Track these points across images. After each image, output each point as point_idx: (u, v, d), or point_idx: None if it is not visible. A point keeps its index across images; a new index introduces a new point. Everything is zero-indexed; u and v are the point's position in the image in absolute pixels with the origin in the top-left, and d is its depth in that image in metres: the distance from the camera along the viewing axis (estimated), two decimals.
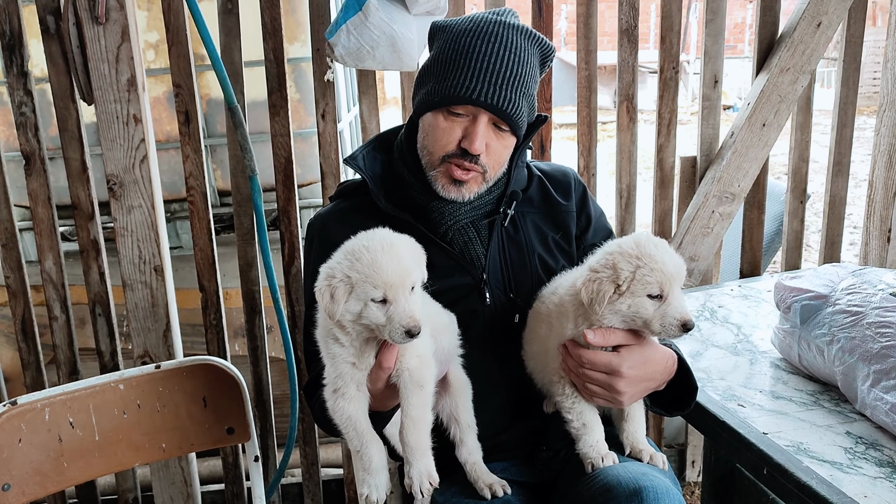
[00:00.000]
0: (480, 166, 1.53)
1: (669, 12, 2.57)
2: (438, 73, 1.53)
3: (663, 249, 1.38)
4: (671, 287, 1.36)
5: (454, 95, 1.49)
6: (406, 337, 1.27)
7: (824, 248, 2.90)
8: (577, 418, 1.49)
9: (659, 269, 1.35)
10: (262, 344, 2.61)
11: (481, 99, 1.48)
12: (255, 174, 2.35)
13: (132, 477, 2.69)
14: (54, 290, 2.49)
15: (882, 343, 1.53)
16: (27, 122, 2.34)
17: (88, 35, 2.13)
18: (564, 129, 10.84)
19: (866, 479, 1.37)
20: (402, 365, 1.35)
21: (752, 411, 1.62)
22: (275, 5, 2.33)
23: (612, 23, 2.63)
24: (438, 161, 1.55)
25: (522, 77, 1.52)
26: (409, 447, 1.33)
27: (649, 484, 1.33)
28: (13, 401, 1.65)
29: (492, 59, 1.49)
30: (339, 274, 1.29)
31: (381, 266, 1.27)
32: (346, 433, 1.38)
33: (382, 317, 1.28)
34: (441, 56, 1.55)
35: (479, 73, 1.49)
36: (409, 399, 1.34)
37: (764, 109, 2.60)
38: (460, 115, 1.52)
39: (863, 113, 10.49)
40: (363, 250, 1.30)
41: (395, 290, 1.28)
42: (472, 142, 1.50)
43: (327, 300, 1.29)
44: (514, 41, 1.52)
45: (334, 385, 1.37)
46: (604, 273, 1.39)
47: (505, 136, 1.55)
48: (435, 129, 1.54)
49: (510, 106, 1.50)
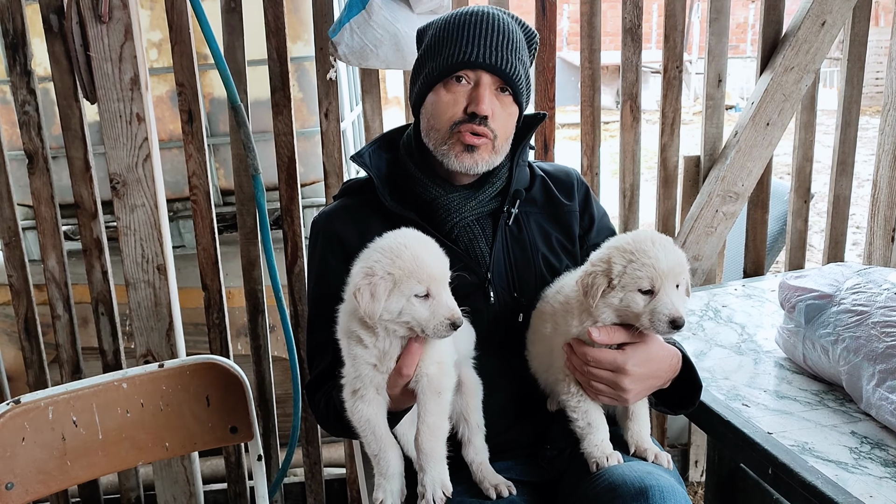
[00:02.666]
0: (490, 130, 1.54)
1: (673, 11, 2.56)
2: (434, 53, 1.56)
3: (660, 246, 1.38)
4: (663, 283, 1.36)
5: (454, 63, 1.52)
6: (450, 329, 1.27)
7: (828, 247, 2.90)
8: (583, 417, 1.49)
9: (650, 265, 1.35)
10: (265, 343, 2.61)
11: (480, 60, 1.51)
12: (258, 173, 2.35)
13: (135, 476, 2.69)
14: (57, 289, 2.49)
15: (887, 342, 1.53)
16: (30, 121, 2.34)
17: (92, 34, 2.13)
18: (567, 128, 10.83)
19: (872, 478, 1.37)
20: (422, 371, 1.34)
21: (757, 411, 1.62)
22: (278, 4, 2.33)
23: (615, 22, 2.63)
24: (447, 132, 1.55)
25: (516, 43, 1.55)
26: (424, 454, 1.32)
27: (655, 483, 1.33)
28: (17, 399, 1.65)
29: (484, 27, 1.53)
30: (380, 271, 1.28)
31: (424, 260, 1.27)
32: (364, 437, 1.36)
33: (427, 311, 1.27)
34: (432, 41, 1.58)
35: (475, 38, 1.52)
36: (427, 406, 1.33)
37: (768, 109, 2.60)
38: (461, 83, 1.53)
39: (866, 113, 10.48)
40: (402, 247, 1.29)
41: (438, 283, 1.28)
42: (480, 102, 1.51)
43: (367, 299, 1.26)
44: (500, 17, 1.56)
45: (353, 386, 1.36)
46: (599, 267, 1.40)
47: (508, 103, 1.56)
48: (438, 103, 1.55)
49: (509, 67, 1.52)
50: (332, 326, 1.56)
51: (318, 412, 1.62)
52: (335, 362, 1.55)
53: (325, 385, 1.59)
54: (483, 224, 1.62)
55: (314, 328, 1.66)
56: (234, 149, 2.42)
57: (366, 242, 1.58)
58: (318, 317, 1.64)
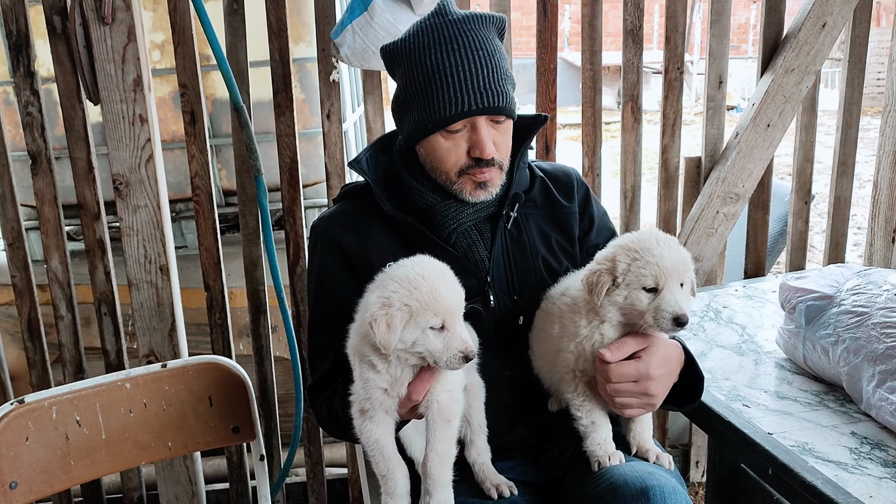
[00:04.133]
0: (497, 163, 1.54)
1: (674, 13, 2.57)
2: (419, 100, 1.51)
3: (664, 244, 1.39)
4: (667, 281, 1.37)
5: (447, 117, 1.48)
6: (463, 362, 1.28)
7: (829, 248, 2.90)
8: (587, 416, 1.49)
9: (654, 263, 1.36)
10: (267, 343, 2.62)
11: (474, 108, 1.47)
12: (260, 174, 2.36)
13: (137, 475, 2.70)
14: (60, 290, 2.50)
15: (887, 343, 1.53)
16: (33, 122, 2.35)
17: (95, 35, 2.14)
18: (568, 129, 10.83)
19: (871, 479, 1.37)
20: (433, 398, 1.35)
21: (757, 411, 1.62)
22: (280, 6, 2.33)
23: (615, 23, 2.64)
24: (456, 176, 1.54)
25: (496, 63, 1.50)
26: (431, 479, 1.34)
27: (656, 483, 1.33)
28: (20, 399, 1.66)
29: (466, 64, 1.47)
30: (397, 302, 1.27)
31: (441, 293, 1.28)
32: (373, 456, 1.38)
33: (441, 344, 1.28)
34: (412, 83, 1.52)
35: (460, 84, 1.47)
36: (437, 433, 1.35)
37: (769, 110, 2.60)
38: (458, 131, 1.51)
39: (867, 113, 10.48)
40: (419, 278, 1.29)
41: (453, 316, 1.29)
42: (483, 149, 1.49)
43: (383, 329, 1.26)
44: (471, 34, 1.50)
45: (362, 405, 1.37)
46: (604, 265, 1.41)
47: (504, 126, 1.55)
48: (438, 151, 1.53)
49: (501, 99, 1.50)
50: (333, 330, 1.57)
51: (320, 416, 1.63)
52: (336, 366, 1.55)
53: (327, 389, 1.59)
54: (481, 228, 1.61)
55: (315, 332, 1.66)
56: (236, 150, 2.43)
57: (366, 247, 1.58)
58: (319, 321, 1.65)
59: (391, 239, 1.60)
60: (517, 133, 1.65)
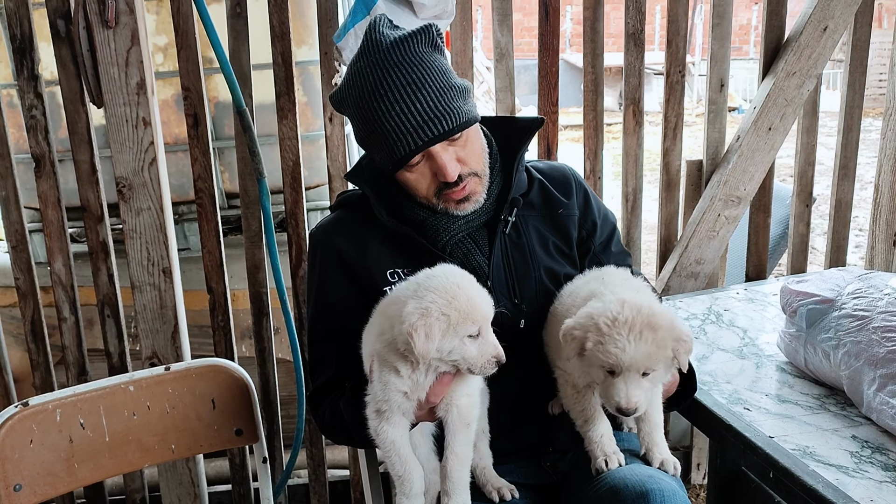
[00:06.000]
0: (469, 175, 1.54)
1: (676, 16, 2.57)
2: (373, 146, 1.53)
3: (635, 335, 1.35)
4: (623, 371, 1.36)
5: (401, 158, 1.48)
6: (495, 366, 1.33)
7: (830, 251, 2.90)
8: (580, 416, 1.51)
9: (615, 354, 1.35)
10: (270, 345, 2.63)
11: (421, 142, 1.46)
12: (263, 177, 2.36)
13: (140, 477, 2.70)
14: (63, 292, 2.51)
15: (888, 347, 1.54)
16: (37, 125, 2.36)
17: (98, 39, 2.15)
18: (569, 130, 10.83)
19: (872, 483, 1.38)
20: (453, 402, 1.38)
21: (758, 415, 1.63)
22: (283, 9, 2.34)
23: (616, 24, 2.65)
24: (436, 199, 1.56)
25: (436, 85, 1.47)
26: (451, 481, 1.37)
27: (656, 487, 1.34)
28: (25, 402, 1.66)
29: (404, 102, 1.45)
30: (436, 312, 1.29)
31: (477, 302, 1.32)
32: (388, 457, 1.40)
33: (475, 350, 1.32)
34: (361, 132, 1.53)
35: (403, 124, 1.45)
36: (456, 437, 1.38)
37: (770, 113, 2.61)
38: (418, 163, 1.51)
39: (868, 115, 10.46)
40: (456, 288, 1.32)
41: (487, 322, 1.33)
42: (446, 174, 1.50)
43: (422, 339, 1.28)
44: (404, 65, 1.47)
45: (379, 406, 1.38)
46: (578, 331, 1.40)
47: (463, 139, 1.52)
48: (408, 183, 1.55)
49: (448, 120, 1.47)
50: (335, 338, 1.58)
51: (323, 422, 1.63)
52: (339, 374, 1.56)
53: (330, 396, 1.60)
54: (476, 236, 1.62)
55: (316, 340, 1.67)
56: (238, 152, 2.44)
57: (365, 256, 1.59)
58: (320, 328, 1.65)
59: (389, 248, 1.61)
60: (511, 138, 1.65)
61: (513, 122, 1.71)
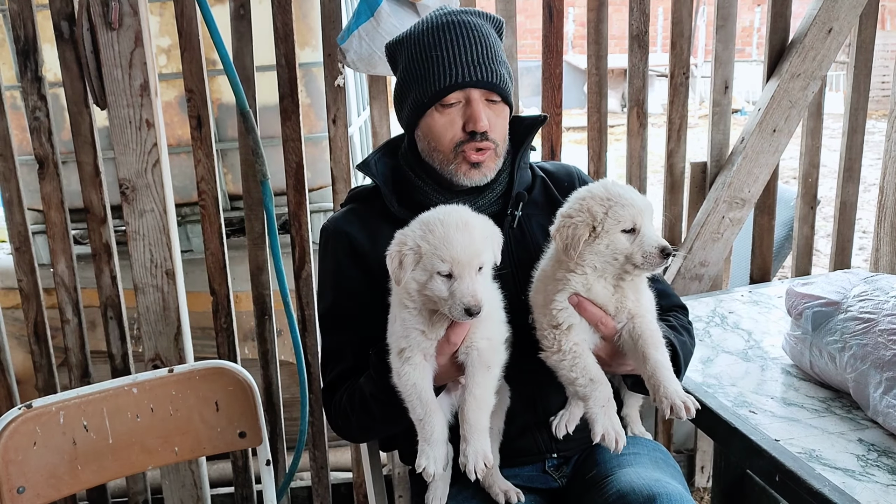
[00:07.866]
0: (492, 141, 1.56)
1: (680, 18, 2.57)
2: (417, 78, 1.57)
3: (629, 189, 1.43)
4: (643, 220, 1.40)
5: (442, 88, 1.53)
6: (465, 315, 1.29)
7: (834, 253, 2.90)
8: (582, 374, 1.42)
9: (630, 205, 1.39)
10: (272, 348, 2.62)
11: (468, 79, 1.52)
12: (266, 178, 2.36)
13: (142, 479, 2.70)
14: (66, 294, 2.51)
15: (894, 350, 1.53)
16: (41, 127, 2.36)
17: (102, 40, 2.15)
18: (573, 132, 10.83)
19: (879, 486, 1.37)
20: (472, 345, 1.37)
21: (764, 418, 1.62)
22: (287, 11, 2.34)
23: (619, 25, 2.65)
24: (451, 154, 1.57)
25: (492, 47, 1.57)
26: (468, 424, 1.32)
27: (663, 491, 1.34)
28: (28, 404, 1.66)
29: (460, 41, 1.54)
30: (411, 242, 1.32)
31: (452, 242, 1.30)
32: (409, 401, 1.38)
33: (445, 291, 1.30)
34: (411, 64, 1.58)
35: (455, 58, 1.53)
36: (475, 377, 1.36)
37: (774, 115, 2.60)
38: (453, 105, 1.55)
39: (872, 116, 10.45)
40: (437, 223, 1.33)
41: (462, 267, 1.30)
42: (477, 121, 1.53)
43: (395, 265, 1.32)
44: (469, 21, 1.58)
45: (400, 344, 1.39)
46: (578, 217, 1.41)
47: (499, 108, 1.58)
48: (434, 127, 1.57)
49: (495, 76, 1.55)
50: (350, 328, 1.57)
51: (339, 409, 1.60)
52: (356, 365, 1.55)
53: (346, 384, 1.58)
54: None
55: (330, 329, 1.66)
56: (242, 154, 2.44)
57: (377, 247, 1.58)
58: (335, 317, 1.65)
59: None
60: (518, 134, 1.65)
61: (520, 121, 1.72)
